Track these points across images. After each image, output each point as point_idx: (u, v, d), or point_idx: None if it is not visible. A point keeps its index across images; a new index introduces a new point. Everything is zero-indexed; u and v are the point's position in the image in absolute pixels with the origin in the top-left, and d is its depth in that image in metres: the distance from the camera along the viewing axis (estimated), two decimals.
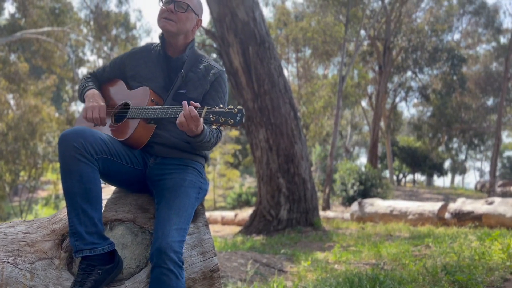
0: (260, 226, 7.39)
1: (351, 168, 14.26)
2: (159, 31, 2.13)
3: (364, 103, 26.31)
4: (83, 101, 2.19)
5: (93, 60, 24.48)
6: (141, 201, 2.12)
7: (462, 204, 7.78)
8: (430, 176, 28.19)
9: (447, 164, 30.89)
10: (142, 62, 2.15)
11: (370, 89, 24.10)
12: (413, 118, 28.57)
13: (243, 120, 1.74)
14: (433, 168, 25.56)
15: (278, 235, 6.88)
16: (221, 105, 1.74)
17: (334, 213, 10.82)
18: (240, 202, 18.41)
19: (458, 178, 37.89)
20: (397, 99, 25.03)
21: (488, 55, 23.84)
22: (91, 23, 20.13)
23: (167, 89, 2.07)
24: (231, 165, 23.80)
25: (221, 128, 1.76)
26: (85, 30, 21.58)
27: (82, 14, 21.01)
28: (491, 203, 7.31)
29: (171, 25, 2.02)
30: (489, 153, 33.49)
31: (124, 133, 1.99)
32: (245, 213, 12.23)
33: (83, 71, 25.31)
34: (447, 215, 7.88)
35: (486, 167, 41.86)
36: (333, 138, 13.63)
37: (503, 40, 22.95)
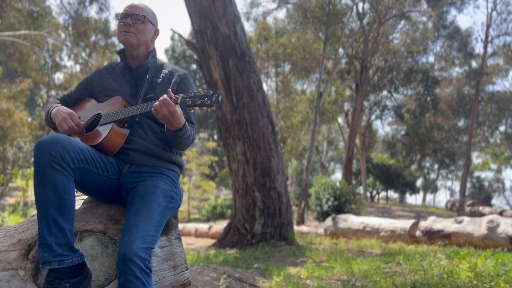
0: (234, 239, 7.34)
1: (326, 183, 14.38)
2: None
3: (340, 119, 26.73)
4: (50, 124, 2.19)
5: (70, 65, 24.11)
6: (113, 211, 2.08)
7: (432, 223, 7.94)
8: (402, 193, 28.68)
9: (419, 182, 31.54)
10: (108, 77, 2.19)
11: (346, 106, 24.53)
12: (388, 136, 29.15)
13: (219, 100, 1.77)
14: (405, 185, 26.03)
15: (252, 249, 6.84)
16: (195, 91, 1.79)
17: (308, 228, 10.86)
18: (214, 215, 18.28)
19: (429, 197, 38.81)
20: (373, 117, 25.54)
21: (461, 78, 24.65)
22: (70, 28, 19.84)
23: (135, 96, 2.10)
24: (207, 176, 23.67)
25: (199, 110, 1.79)
26: (63, 35, 21.25)
27: (60, 19, 20.70)
28: (460, 222, 7.48)
29: (131, 37, 2.08)
30: (460, 173, 34.39)
31: (97, 138, 1.98)
32: (220, 225, 12.14)
33: (59, 76, 24.88)
34: (418, 233, 8.02)
35: (457, 186, 42.94)
36: (309, 153, 13.76)
37: (474, 64, 23.81)
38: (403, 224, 8.34)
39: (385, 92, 23.08)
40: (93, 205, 2.10)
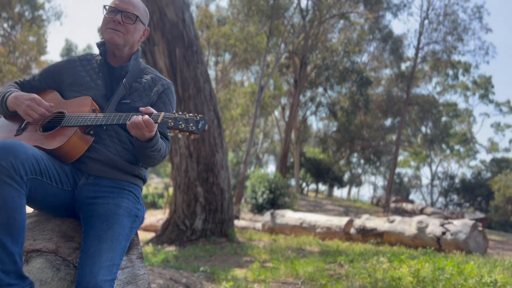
0: (172, 236, 7.08)
1: (262, 176, 14.48)
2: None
3: (276, 112, 27.07)
4: (4, 110, 1.89)
5: None
6: (65, 227, 1.82)
7: (366, 221, 8.27)
8: (331, 187, 29.86)
9: (346, 176, 32.99)
10: (81, 69, 1.92)
11: (283, 100, 24.87)
12: (320, 131, 30.08)
13: (206, 128, 1.59)
14: (334, 179, 27.10)
15: (192, 246, 6.66)
16: (180, 112, 1.59)
17: (246, 222, 10.86)
18: (145, 203, 17.75)
19: (354, 190, 40.73)
20: (308, 113, 26.17)
21: (391, 80, 26.01)
22: None
23: (108, 98, 1.85)
24: None
25: (179, 135, 1.60)
26: None
27: None
28: (392, 222, 7.86)
29: (119, 36, 1.84)
30: (383, 169, 36.52)
31: (56, 141, 1.71)
32: (153, 217, 11.74)
33: None
34: (352, 231, 8.31)
35: (379, 181, 45.63)
36: (248, 147, 13.73)
37: (403, 67, 25.23)
38: (339, 221, 8.60)
39: (320, 89, 23.73)
40: (42, 220, 1.82)
